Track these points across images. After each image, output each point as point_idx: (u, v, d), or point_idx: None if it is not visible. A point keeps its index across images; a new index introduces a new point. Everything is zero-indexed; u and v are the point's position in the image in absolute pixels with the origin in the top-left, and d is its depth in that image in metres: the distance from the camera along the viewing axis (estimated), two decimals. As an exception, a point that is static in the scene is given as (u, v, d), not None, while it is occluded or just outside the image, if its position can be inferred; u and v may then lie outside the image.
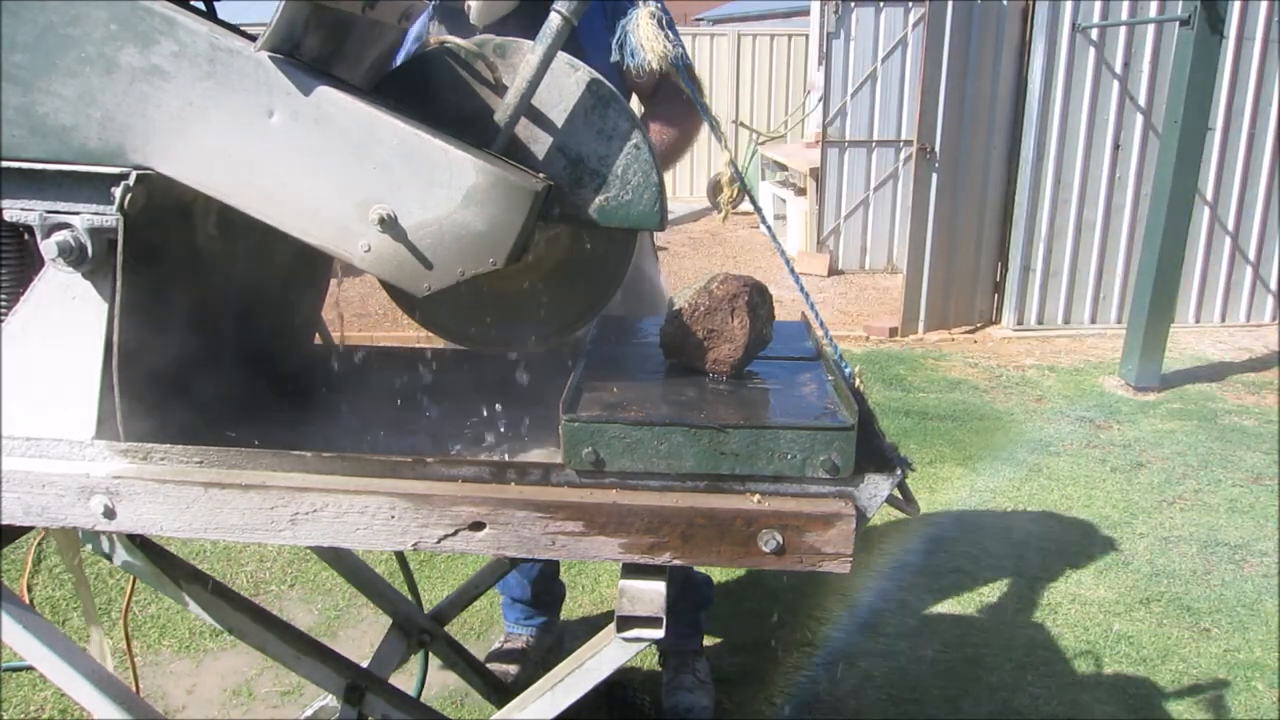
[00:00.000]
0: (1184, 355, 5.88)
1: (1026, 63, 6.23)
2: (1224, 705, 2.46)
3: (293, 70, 1.11)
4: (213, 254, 1.35)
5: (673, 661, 2.46)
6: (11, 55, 1.12)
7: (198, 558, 3.13)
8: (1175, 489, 3.86)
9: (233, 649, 2.64)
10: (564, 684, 1.22)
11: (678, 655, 2.46)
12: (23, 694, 2.43)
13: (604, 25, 1.98)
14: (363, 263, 1.16)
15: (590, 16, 1.91)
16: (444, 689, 2.44)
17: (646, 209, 1.30)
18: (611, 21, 2.01)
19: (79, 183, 1.15)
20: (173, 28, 1.10)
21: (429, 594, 2.83)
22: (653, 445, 1.12)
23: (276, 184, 1.14)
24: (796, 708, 2.43)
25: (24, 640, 1.27)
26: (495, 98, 1.30)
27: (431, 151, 1.12)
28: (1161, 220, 5.13)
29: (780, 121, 10.97)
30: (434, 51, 1.32)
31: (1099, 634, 2.77)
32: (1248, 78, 6.29)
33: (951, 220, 6.39)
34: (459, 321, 1.50)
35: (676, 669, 2.44)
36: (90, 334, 1.18)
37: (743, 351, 1.33)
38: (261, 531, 1.15)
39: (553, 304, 1.47)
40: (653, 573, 1.15)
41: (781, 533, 1.10)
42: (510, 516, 1.12)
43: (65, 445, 1.18)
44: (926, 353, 6.05)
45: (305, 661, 1.47)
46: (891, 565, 3.16)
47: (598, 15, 1.97)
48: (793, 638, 2.74)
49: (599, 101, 1.28)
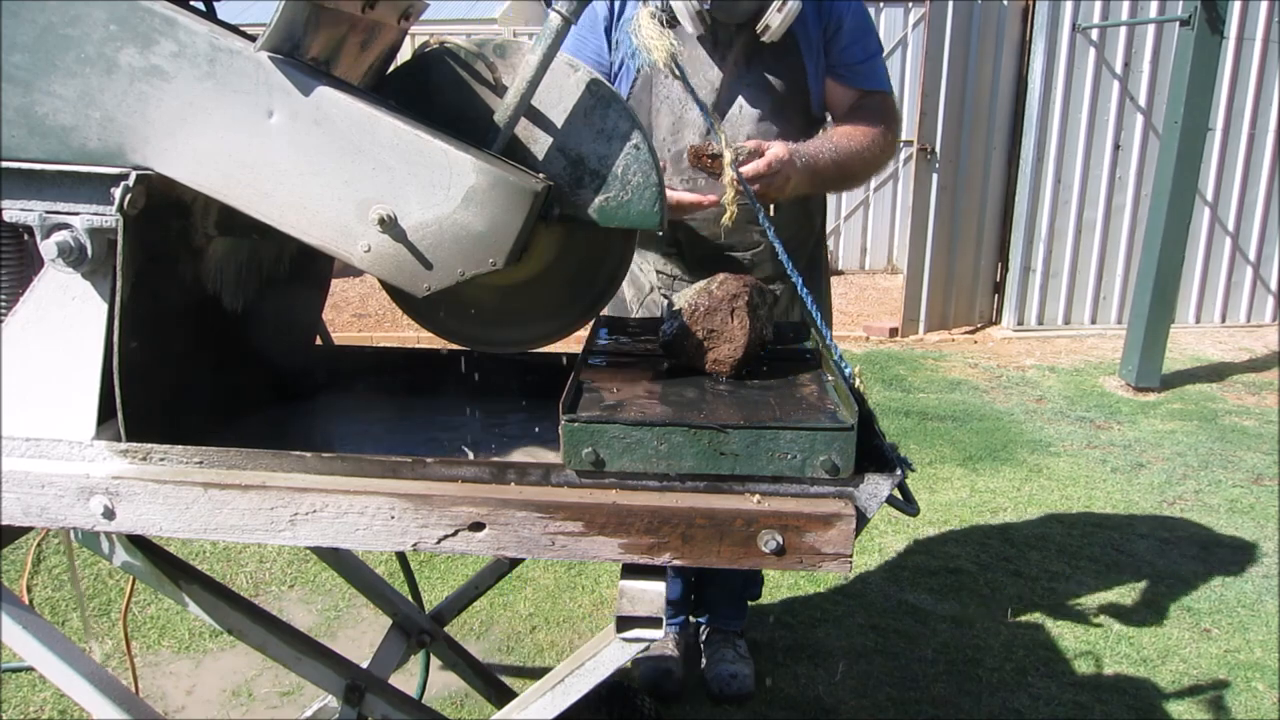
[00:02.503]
0: (1184, 355, 5.88)
1: (1026, 63, 6.23)
2: (1224, 706, 2.46)
3: (292, 70, 1.11)
4: (213, 254, 1.35)
5: (716, 638, 2.60)
6: (11, 55, 1.12)
7: (198, 558, 3.13)
8: (1175, 489, 3.86)
9: (232, 649, 2.64)
10: (564, 684, 1.22)
11: (721, 633, 2.60)
12: (23, 694, 2.43)
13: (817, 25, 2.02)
14: (362, 263, 1.16)
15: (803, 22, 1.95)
16: (444, 689, 2.44)
17: (646, 209, 1.30)
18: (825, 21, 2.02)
19: (79, 183, 1.15)
20: (172, 28, 1.10)
21: (429, 594, 2.83)
22: (653, 445, 1.12)
23: (276, 184, 1.14)
24: (796, 708, 2.43)
25: (24, 640, 1.27)
26: (495, 98, 1.30)
27: (432, 152, 1.12)
28: (1162, 220, 5.13)
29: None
30: (434, 51, 1.32)
31: (1099, 634, 2.77)
32: (1248, 78, 6.29)
33: (951, 220, 6.39)
34: (459, 321, 1.50)
35: (719, 644, 2.58)
36: (90, 334, 1.18)
37: (743, 352, 1.33)
38: (261, 532, 1.15)
39: (553, 304, 1.47)
40: (653, 573, 1.15)
41: (781, 533, 1.10)
42: (510, 517, 1.12)
43: (65, 445, 1.18)
44: (926, 353, 6.05)
45: (305, 662, 1.47)
46: (892, 565, 3.16)
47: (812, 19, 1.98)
48: (791, 638, 2.74)
49: (599, 101, 1.28)
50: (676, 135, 2.03)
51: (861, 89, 2.07)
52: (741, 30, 1.95)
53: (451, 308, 1.46)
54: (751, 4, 1.90)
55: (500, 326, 1.50)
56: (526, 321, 1.49)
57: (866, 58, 2.09)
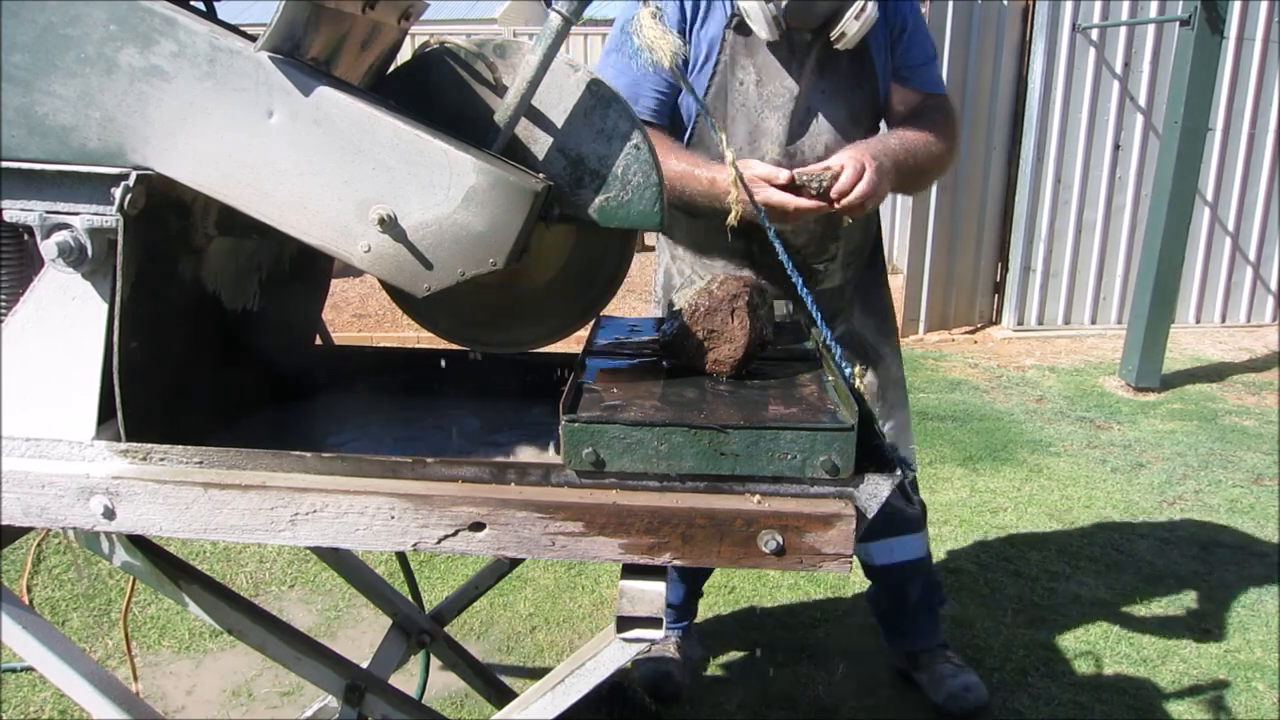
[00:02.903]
0: (1184, 356, 5.88)
1: (1026, 63, 6.23)
2: (1224, 706, 2.46)
3: (293, 70, 1.11)
4: (213, 254, 1.35)
5: (924, 660, 2.48)
6: (11, 55, 1.12)
7: (198, 558, 3.13)
8: (1175, 489, 3.86)
9: (232, 649, 2.64)
10: (564, 684, 1.22)
11: (928, 653, 2.48)
12: (23, 694, 2.43)
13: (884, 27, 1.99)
14: (362, 263, 1.16)
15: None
16: (444, 690, 2.44)
17: (647, 209, 1.30)
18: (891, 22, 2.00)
19: (79, 183, 1.15)
20: (172, 28, 1.10)
21: (429, 594, 2.83)
22: (653, 445, 1.12)
23: (276, 184, 1.14)
24: (796, 708, 2.43)
25: (24, 640, 1.27)
26: (495, 98, 1.30)
27: (432, 152, 1.12)
28: (1162, 221, 5.13)
29: (780, 122, 10.95)
30: (434, 51, 1.32)
31: (1099, 634, 2.77)
32: (1248, 78, 6.29)
33: (951, 220, 6.39)
34: (459, 322, 1.50)
35: (931, 662, 2.47)
36: (90, 334, 1.18)
37: (743, 352, 1.33)
38: (261, 532, 1.15)
39: (553, 303, 1.47)
40: (653, 573, 1.15)
41: (781, 533, 1.10)
42: (510, 517, 1.12)
43: (65, 445, 1.18)
44: (927, 353, 6.06)
45: (305, 662, 1.47)
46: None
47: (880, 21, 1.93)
48: (792, 638, 2.74)
49: (599, 101, 1.28)
50: (754, 144, 1.98)
51: (925, 92, 2.05)
52: (817, 36, 1.91)
53: (452, 308, 1.46)
54: (828, 6, 1.85)
55: (500, 327, 1.50)
56: (526, 322, 1.49)
57: (928, 60, 2.06)
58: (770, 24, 1.85)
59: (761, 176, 1.79)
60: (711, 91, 1.97)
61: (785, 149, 1.98)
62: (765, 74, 1.95)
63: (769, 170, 1.79)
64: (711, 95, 1.97)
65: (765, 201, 1.75)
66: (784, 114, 1.96)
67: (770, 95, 1.95)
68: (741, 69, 1.95)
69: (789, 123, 1.97)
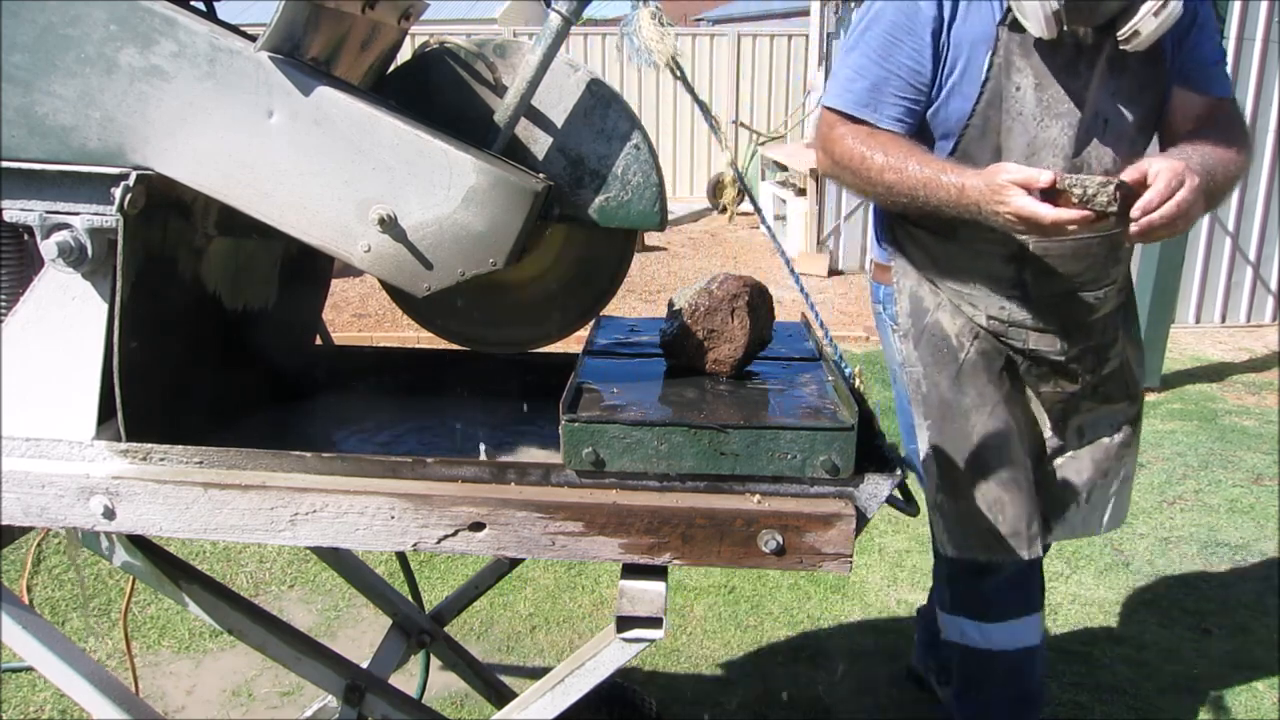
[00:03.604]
0: (1184, 355, 5.88)
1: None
2: (1224, 706, 2.45)
3: (293, 70, 1.11)
4: (213, 254, 1.35)
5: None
6: (11, 55, 1.12)
7: (198, 558, 3.13)
8: (1175, 489, 3.86)
9: (232, 649, 2.64)
10: (564, 684, 1.22)
11: None
12: (22, 694, 2.43)
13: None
14: (362, 263, 1.16)
15: None
16: (444, 690, 2.44)
17: (646, 209, 1.30)
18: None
19: (79, 183, 1.15)
20: (172, 28, 1.10)
21: (429, 594, 2.83)
22: (653, 445, 1.12)
23: (276, 184, 1.14)
24: (796, 708, 2.43)
25: (24, 640, 1.27)
26: (495, 98, 1.30)
27: (432, 152, 1.12)
28: (1161, 220, 5.13)
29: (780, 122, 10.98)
30: (434, 51, 1.32)
31: (1099, 634, 2.77)
32: (1248, 78, 6.29)
33: (951, 220, 6.39)
34: (459, 321, 1.50)
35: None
36: (90, 334, 1.18)
37: (743, 352, 1.33)
38: (261, 532, 1.15)
39: (553, 303, 1.47)
40: (653, 573, 1.15)
41: (781, 533, 1.10)
42: (510, 517, 1.12)
43: (65, 445, 1.18)
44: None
45: (305, 662, 1.47)
46: (892, 565, 3.16)
47: None
48: (792, 638, 2.74)
49: (599, 101, 1.28)
50: (1032, 158, 1.72)
51: (1216, 95, 1.78)
52: (1102, 35, 1.68)
53: (453, 308, 1.46)
54: (1116, 5, 1.62)
55: (500, 327, 1.50)
56: (527, 322, 1.49)
57: (1220, 57, 1.81)
58: (1048, 21, 1.61)
59: (1016, 181, 1.51)
60: (983, 100, 1.72)
61: (1071, 162, 1.74)
62: (1045, 78, 1.71)
63: (1025, 174, 1.51)
64: (984, 104, 1.72)
65: (1016, 212, 1.50)
66: (1068, 122, 1.72)
67: (1051, 101, 1.72)
68: (1018, 72, 1.70)
69: (1075, 132, 1.72)
